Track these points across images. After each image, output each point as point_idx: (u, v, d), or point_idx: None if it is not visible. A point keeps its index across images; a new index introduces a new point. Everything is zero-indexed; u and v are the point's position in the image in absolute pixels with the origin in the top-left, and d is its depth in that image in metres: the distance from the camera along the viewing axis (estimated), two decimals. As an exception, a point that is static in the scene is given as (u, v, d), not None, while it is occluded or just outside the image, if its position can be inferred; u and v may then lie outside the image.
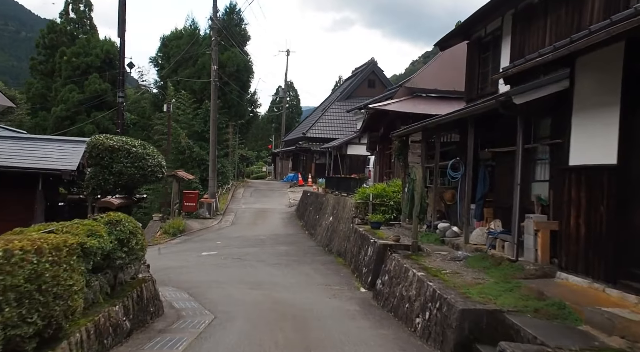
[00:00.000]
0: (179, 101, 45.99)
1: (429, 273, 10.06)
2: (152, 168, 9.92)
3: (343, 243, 21.04)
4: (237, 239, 27.30)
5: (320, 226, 26.37)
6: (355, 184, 23.61)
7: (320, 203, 28.56)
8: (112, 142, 9.60)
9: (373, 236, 16.41)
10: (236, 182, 53.06)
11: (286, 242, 26.05)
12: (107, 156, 9.63)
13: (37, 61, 58.05)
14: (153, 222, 30.86)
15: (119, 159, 9.63)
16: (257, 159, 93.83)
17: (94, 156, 9.69)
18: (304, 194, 35.35)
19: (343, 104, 58.24)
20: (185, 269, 19.01)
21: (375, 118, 24.65)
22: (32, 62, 59.42)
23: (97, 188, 9.57)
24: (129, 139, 10.01)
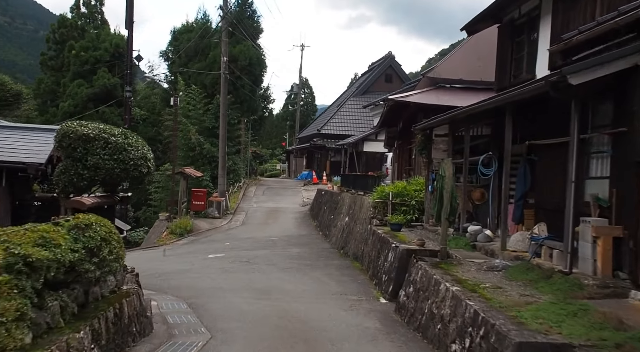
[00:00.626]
0: (189, 96, 44.57)
1: (465, 287, 8.44)
2: (134, 161, 8.29)
3: (360, 246, 19.45)
4: (246, 240, 25.77)
5: (335, 227, 24.78)
6: (373, 182, 21.97)
7: (335, 202, 26.96)
8: (87, 130, 7.96)
9: (394, 239, 14.82)
10: (248, 180, 51.56)
11: (299, 243, 24.48)
12: (81, 147, 7.96)
13: (47, 57, 56.74)
14: (159, 221, 29.44)
15: (95, 150, 7.97)
16: (271, 157, 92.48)
17: (65, 147, 8.03)
18: (318, 193, 33.76)
19: (359, 100, 56.56)
20: (189, 274, 17.55)
21: (394, 111, 23.00)
22: (42, 58, 58.13)
23: (68, 185, 7.96)
24: (107, 127, 8.38)
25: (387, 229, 17.18)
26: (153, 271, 18.51)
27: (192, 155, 42.94)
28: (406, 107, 21.71)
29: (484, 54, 20.77)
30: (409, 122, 24.58)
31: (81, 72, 50.39)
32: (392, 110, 22.72)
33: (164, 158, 47.26)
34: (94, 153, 7.94)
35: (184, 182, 30.78)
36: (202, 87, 45.27)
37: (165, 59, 53.73)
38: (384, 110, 22.98)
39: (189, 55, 49.24)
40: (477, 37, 21.84)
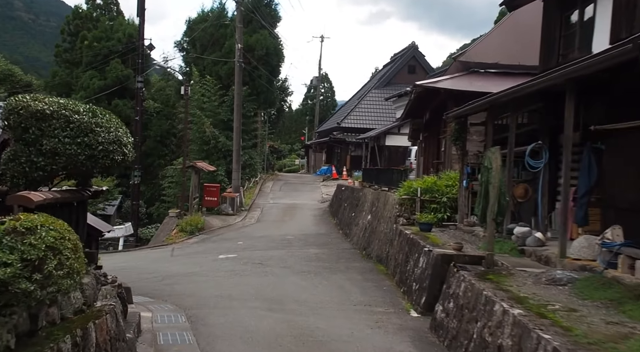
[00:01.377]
0: (203, 88, 42.89)
1: (529, 310, 6.57)
2: (104, 146, 6.45)
3: (384, 247, 17.63)
4: (261, 239, 24.03)
5: (357, 225, 22.95)
6: (399, 177, 20.09)
7: (356, 199, 25.10)
8: (42, 105, 6.13)
9: (425, 241, 12.98)
10: (265, 175, 49.79)
11: (317, 243, 22.70)
12: (34, 127, 6.14)
13: (62, 49, 55.34)
14: (169, 218, 27.80)
15: (52, 131, 6.16)
16: (290, 152, 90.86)
17: (14, 127, 6.20)
18: (338, 188, 31.91)
19: (381, 92, 54.63)
20: (195, 278, 15.88)
21: (421, 99, 21.07)
22: (56, 50, 56.76)
23: (19, 176, 6.16)
24: (70, 102, 6.52)
25: (416, 229, 15.36)
26: (157, 273, 16.94)
27: (207, 149, 41.32)
28: (435, 94, 19.83)
29: (522, 35, 18.83)
30: (436, 112, 22.69)
31: (94, 64, 48.92)
32: (419, 99, 20.80)
33: (178, 152, 45.73)
34: (52, 135, 6.11)
35: (195, 176, 29.10)
36: (217, 78, 43.53)
37: (180, 50, 52.04)
38: (410, 98, 21.09)
39: (204, 45, 47.55)
40: (516, 17, 19.91)
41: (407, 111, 26.82)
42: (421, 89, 18.95)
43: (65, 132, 6.20)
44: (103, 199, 38.34)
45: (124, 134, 7.01)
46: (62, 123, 6.19)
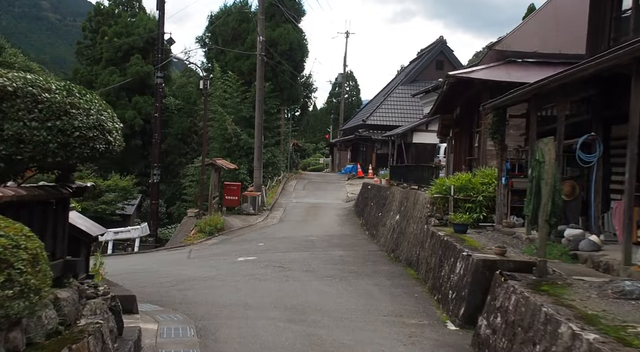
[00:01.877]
0: (225, 84, 41.95)
1: (605, 333, 5.34)
2: (82, 132, 5.28)
3: (414, 249, 16.40)
4: (283, 240, 22.93)
5: (384, 226, 21.72)
6: (430, 174, 18.81)
7: (383, 198, 23.88)
8: (3, 80, 4.97)
9: (461, 244, 11.74)
10: (288, 174, 48.70)
11: (342, 245, 21.53)
12: (-6, 107, 5.01)
13: (83, 46, 54.73)
14: (187, 218, 26.82)
15: (16, 112, 5.00)
16: (314, 151, 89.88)
17: (-32, 107, 5.07)
18: (364, 187, 30.69)
19: (407, 88, 53.36)
20: (211, 282, 14.80)
21: (453, 92, 19.76)
22: (77, 47, 56.21)
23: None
24: (37, 77, 5.33)
25: (449, 230, 14.13)
26: (171, 277, 15.88)
27: (228, 147, 40.38)
28: (468, 86, 18.56)
29: (563, 21, 17.58)
30: (469, 106, 21.42)
31: (114, 60, 48.23)
32: (451, 91, 19.48)
33: (199, 150, 44.82)
34: (15, 117, 4.96)
35: (215, 175, 28.10)
36: (240, 74, 42.57)
37: (202, 45, 51.24)
38: (441, 89, 19.76)
39: (225, 40, 46.65)
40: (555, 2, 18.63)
41: (437, 105, 25.48)
42: (454, 80, 17.66)
43: (32, 115, 5.03)
44: (121, 198, 37.70)
45: (109, 118, 5.89)
46: (29, 103, 5.04)
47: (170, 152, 46.84)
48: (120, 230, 27.95)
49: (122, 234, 27.67)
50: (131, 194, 39.10)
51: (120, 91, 46.72)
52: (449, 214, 15.34)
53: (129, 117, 45.53)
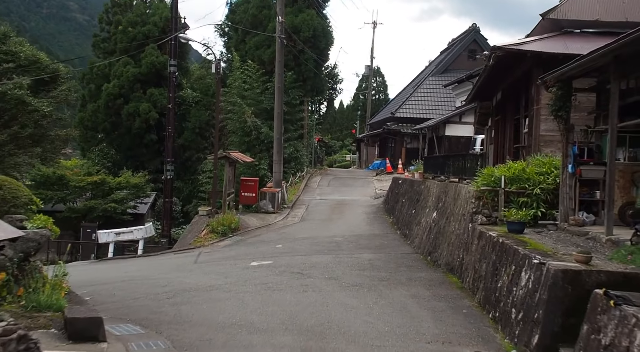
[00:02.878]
0: (245, 74, 39.65)
1: None
2: None
3: (457, 252, 13.99)
4: (304, 241, 20.61)
5: (418, 225, 19.25)
6: (473, 164, 16.29)
7: (417, 193, 21.39)
8: None
9: (524, 247, 9.34)
10: (312, 170, 46.33)
11: (370, 246, 19.15)
12: None
13: (100, 38, 52.69)
14: (199, 217, 24.58)
15: None
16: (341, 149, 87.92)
17: None
18: (394, 182, 28.21)
19: (438, 79, 50.85)
20: (215, 294, 12.56)
21: (496, 70, 17.14)
22: (94, 39, 54.21)
23: None
24: None
25: (501, 229, 11.79)
26: (170, 286, 13.65)
27: (248, 141, 38.16)
28: (515, 63, 16.09)
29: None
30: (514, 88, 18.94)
31: (129, 50, 46.16)
32: (495, 68, 16.86)
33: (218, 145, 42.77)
34: None
35: (229, 169, 25.82)
36: (260, 63, 40.23)
37: (221, 35, 49.03)
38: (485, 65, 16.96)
39: (246, 28, 44.35)
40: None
41: (475, 91, 23.00)
42: (502, 53, 15.05)
43: None
44: (133, 196, 35.72)
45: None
46: None
47: (188, 147, 44.69)
48: (122, 231, 25.78)
49: (125, 236, 25.50)
50: (144, 192, 36.94)
51: (135, 83, 44.67)
52: (499, 210, 12.92)
53: (144, 110, 43.44)
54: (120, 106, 44.39)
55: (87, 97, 47.89)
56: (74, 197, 35.30)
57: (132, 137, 44.87)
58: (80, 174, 35.70)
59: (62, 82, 39.79)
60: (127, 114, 44.03)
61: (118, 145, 47.05)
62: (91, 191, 35.29)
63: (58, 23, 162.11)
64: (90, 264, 21.82)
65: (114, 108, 44.55)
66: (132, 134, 44.69)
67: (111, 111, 44.83)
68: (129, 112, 43.97)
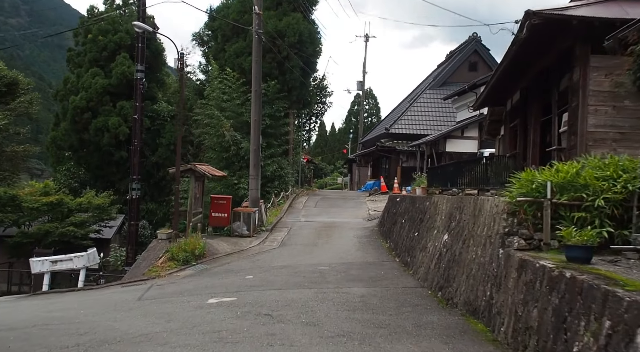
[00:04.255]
0: (223, 83, 36.00)
1: None
2: None
3: (481, 288, 10.25)
4: (281, 270, 16.82)
5: (424, 251, 15.43)
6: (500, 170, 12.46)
7: (420, 211, 17.58)
8: None
9: (621, 288, 5.60)
10: (298, 190, 42.47)
11: (363, 278, 15.35)
12: None
13: (75, 53, 48.79)
14: (157, 242, 20.72)
15: None
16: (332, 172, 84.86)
17: None
18: (391, 200, 24.44)
19: (436, 93, 47.51)
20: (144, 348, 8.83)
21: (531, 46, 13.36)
22: (68, 54, 50.34)
23: None
24: None
25: (554, 257, 8.16)
26: (89, 335, 10.00)
27: (227, 157, 34.52)
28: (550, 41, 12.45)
29: None
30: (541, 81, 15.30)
31: (99, 60, 42.47)
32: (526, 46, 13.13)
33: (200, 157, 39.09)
34: None
35: (197, 184, 22.06)
36: (241, 72, 36.49)
37: (199, 43, 45.38)
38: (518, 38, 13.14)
39: (226, 35, 40.81)
40: None
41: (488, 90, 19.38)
42: (539, 20, 11.33)
43: None
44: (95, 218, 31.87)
45: None
46: None
47: (162, 165, 40.72)
48: (59, 259, 21.76)
49: (63, 264, 21.46)
50: (108, 214, 32.98)
51: (104, 95, 40.80)
52: (543, 229, 9.19)
53: (113, 124, 39.56)
54: (88, 121, 40.44)
55: (60, 115, 44.07)
56: (28, 220, 31.38)
57: (101, 154, 40.90)
58: (36, 194, 31.69)
59: (21, 93, 36.18)
60: (95, 129, 40.12)
61: (87, 164, 43.12)
62: (48, 213, 31.35)
63: (53, 51, 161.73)
64: (16, 299, 17.86)
65: (82, 123, 40.62)
66: (101, 151, 40.75)
67: (78, 126, 40.93)
68: (97, 127, 40.05)
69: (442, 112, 46.05)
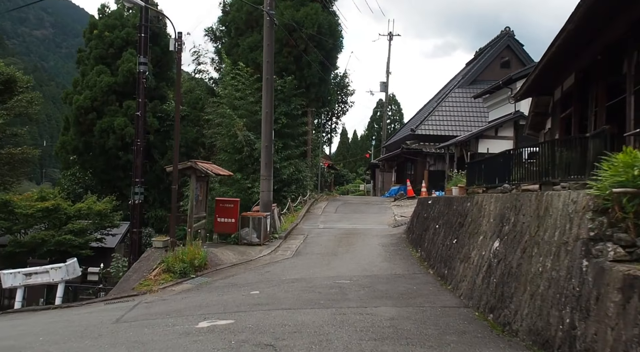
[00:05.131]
0: (236, 79, 33.50)
1: None
2: None
3: (555, 313, 7.67)
4: (293, 285, 14.23)
5: (466, 261, 12.72)
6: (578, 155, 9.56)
7: (458, 214, 14.86)
8: None
9: None
10: (318, 195, 39.79)
11: (392, 294, 12.69)
12: None
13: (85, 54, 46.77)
14: (152, 250, 18.17)
15: None
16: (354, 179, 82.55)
17: None
18: (421, 204, 21.72)
19: (465, 91, 44.70)
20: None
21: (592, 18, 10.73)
22: (79, 55, 48.15)
23: None
24: None
25: None
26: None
27: (239, 159, 31.96)
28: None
29: None
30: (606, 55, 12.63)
31: (105, 58, 40.21)
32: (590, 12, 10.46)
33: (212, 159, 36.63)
34: None
35: (199, 185, 19.52)
36: (255, 67, 33.94)
37: (212, 39, 42.97)
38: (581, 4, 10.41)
39: (239, 28, 38.33)
40: None
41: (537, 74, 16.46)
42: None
43: None
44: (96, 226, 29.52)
45: None
46: None
47: (173, 169, 38.38)
48: (34, 271, 19.18)
49: (38, 277, 18.87)
50: (110, 221, 30.56)
51: (110, 94, 38.56)
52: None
53: (119, 125, 37.29)
54: (92, 122, 38.19)
55: (70, 119, 41.82)
56: (23, 227, 29.06)
57: (107, 158, 38.59)
58: (31, 199, 29.36)
59: (20, 91, 33.96)
60: (100, 130, 37.84)
61: (92, 168, 40.82)
62: (44, 220, 28.99)
63: (64, 60, 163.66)
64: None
65: (86, 124, 38.40)
66: (106, 155, 38.44)
67: (82, 128, 38.71)
68: (102, 128, 37.79)
69: (471, 112, 43.29)
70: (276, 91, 33.10)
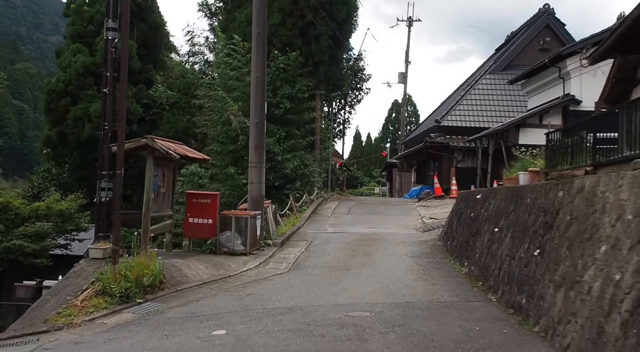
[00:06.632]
0: (231, 56, 28.56)
1: None
2: None
3: None
4: (281, 321, 9.24)
5: (574, 287, 7.64)
6: None
7: (538, 210, 9.76)
8: None
9: None
10: (327, 194, 34.67)
11: (442, 344, 7.61)
12: None
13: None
14: (86, 263, 13.28)
15: None
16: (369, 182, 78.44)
17: None
18: (463, 201, 16.54)
19: (498, 77, 39.66)
20: None
21: None
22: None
23: None
24: None
25: None
26: None
27: (233, 150, 27.03)
28: None
29: None
30: None
31: (84, 36, 35.37)
32: None
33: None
34: None
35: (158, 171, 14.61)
36: (252, 43, 29.10)
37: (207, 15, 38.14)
38: None
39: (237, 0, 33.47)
40: None
41: (627, 25, 11.40)
42: None
43: None
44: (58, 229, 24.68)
45: None
46: None
47: (159, 164, 33.63)
48: None
49: None
50: (75, 224, 25.50)
51: (87, 76, 33.59)
52: None
53: (95, 112, 32.23)
54: (66, 108, 33.31)
55: (44, 107, 37.27)
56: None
57: (83, 150, 33.65)
58: (-20, 198, 24.47)
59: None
60: (75, 118, 32.89)
61: (68, 163, 36.01)
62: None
63: None
64: None
65: (58, 111, 33.53)
66: (82, 147, 33.52)
67: (55, 116, 33.87)
68: (76, 115, 32.83)
69: (505, 100, 38.21)
70: (278, 69, 28.22)
